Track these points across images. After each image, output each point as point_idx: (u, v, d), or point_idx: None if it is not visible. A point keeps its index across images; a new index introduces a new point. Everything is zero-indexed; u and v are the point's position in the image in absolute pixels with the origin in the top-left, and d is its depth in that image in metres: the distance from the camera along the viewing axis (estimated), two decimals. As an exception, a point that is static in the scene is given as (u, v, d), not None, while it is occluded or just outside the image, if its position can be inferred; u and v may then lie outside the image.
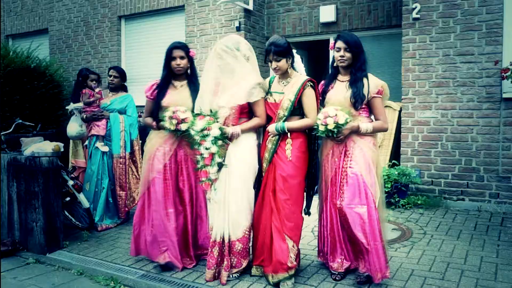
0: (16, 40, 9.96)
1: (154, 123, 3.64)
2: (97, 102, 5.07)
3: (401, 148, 5.89)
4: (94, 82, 5.25)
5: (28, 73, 7.44)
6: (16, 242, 4.22)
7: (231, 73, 3.25)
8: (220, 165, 3.24)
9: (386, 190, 5.37)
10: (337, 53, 3.23)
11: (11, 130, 5.05)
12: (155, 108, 3.64)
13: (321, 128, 3.10)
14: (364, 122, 3.19)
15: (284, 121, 3.22)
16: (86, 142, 5.19)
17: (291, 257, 3.17)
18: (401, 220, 4.90)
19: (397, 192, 5.43)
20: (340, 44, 3.20)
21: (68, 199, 4.68)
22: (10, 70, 7.13)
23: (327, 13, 6.87)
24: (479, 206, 5.30)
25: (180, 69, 3.60)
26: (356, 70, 3.19)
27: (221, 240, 3.27)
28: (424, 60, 5.67)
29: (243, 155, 3.28)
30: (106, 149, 4.92)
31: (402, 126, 5.88)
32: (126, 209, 5.00)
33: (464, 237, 4.26)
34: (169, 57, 3.60)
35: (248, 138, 3.31)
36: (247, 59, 3.30)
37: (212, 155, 3.20)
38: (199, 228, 3.74)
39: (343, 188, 3.13)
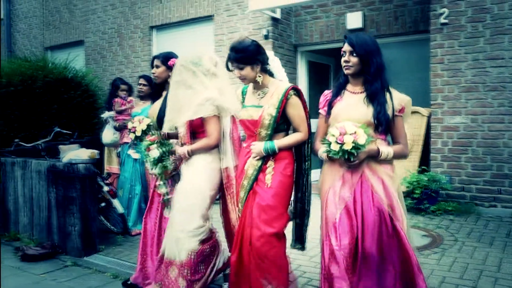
0: (54, 52, 10.39)
1: None
2: (129, 110, 5.25)
3: (431, 154, 5.83)
4: (124, 92, 5.44)
5: (65, 83, 7.78)
6: (55, 245, 4.42)
7: (189, 90, 3.00)
8: (166, 187, 3.09)
9: (416, 196, 5.34)
10: (342, 58, 2.58)
11: (50, 138, 5.30)
12: None
13: (334, 147, 2.39)
14: (383, 145, 2.54)
15: (269, 139, 2.75)
16: (119, 149, 5.38)
17: None
18: (431, 226, 4.84)
19: (427, 198, 5.37)
20: (345, 47, 2.56)
21: (103, 204, 4.87)
22: (49, 80, 7.48)
23: (354, 20, 6.88)
24: (512, 213, 5.19)
25: (155, 77, 3.67)
26: (372, 79, 2.51)
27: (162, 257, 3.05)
28: (453, 65, 5.61)
29: (191, 177, 3.00)
30: (137, 156, 5.05)
31: (431, 131, 5.82)
32: (159, 214, 5.13)
33: (497, 244, 4.19)
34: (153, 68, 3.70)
35: (198, 160, 3.01)
36: (213, 74, 3.01)
37: (156, 176, 3.07)
38: None
39: (360, 230, 2.47)
